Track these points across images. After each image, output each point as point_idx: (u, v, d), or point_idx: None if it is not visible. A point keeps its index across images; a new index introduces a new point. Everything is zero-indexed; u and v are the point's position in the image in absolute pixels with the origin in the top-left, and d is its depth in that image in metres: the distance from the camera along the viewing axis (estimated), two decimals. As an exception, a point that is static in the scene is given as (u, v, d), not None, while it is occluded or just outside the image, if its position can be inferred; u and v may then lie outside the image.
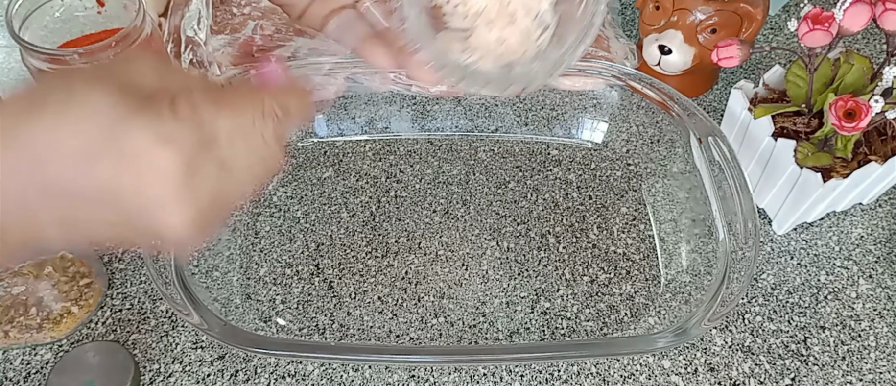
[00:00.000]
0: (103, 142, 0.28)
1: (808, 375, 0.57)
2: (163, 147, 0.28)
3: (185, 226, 0.31)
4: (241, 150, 0.32)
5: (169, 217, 0.30)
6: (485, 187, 0.67)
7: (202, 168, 0.30)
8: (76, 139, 0.28)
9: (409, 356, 0.55)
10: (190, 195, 0.30)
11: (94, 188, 0.28)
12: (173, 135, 0.29)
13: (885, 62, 0.57)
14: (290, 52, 0.72)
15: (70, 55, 0.60)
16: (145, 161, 0.28)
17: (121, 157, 0.28)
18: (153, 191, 0.29)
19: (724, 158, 0.57)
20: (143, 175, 0.28)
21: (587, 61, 0.69)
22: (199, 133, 0.30)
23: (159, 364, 0.56)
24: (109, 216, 0.29)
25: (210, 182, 0.31)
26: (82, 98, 0.28)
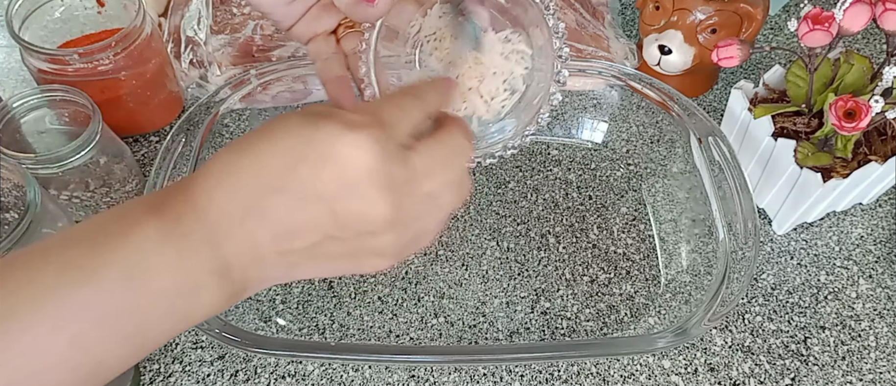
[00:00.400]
0: (303, 146, 0.31)
1: (808, 375, 0.57)
2: (351, 132, 0.31)
3: (389, 219, 0.32)
4: (441, 182, 0.35)
5: (372, 203, 0.32)
6: (485, 187, 0.67)
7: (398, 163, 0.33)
8: (280, 153, 0.32)
9: (409, 356, 0.55)
10: (386, 182, 0.32)
11: (301, 189, 0.31)
12: (355, 122, 0.32)
13: (885, 62, 0.57)
14: (289, 52, 0.72)
15: (70, 55, 0.60)
16: (340, 147, 0.31)
17: (319, 154, 0.31)
18: (351, 172, 0.31)
19: (724, 158, 0.57)
20: (339, 160, 0.31)
21: (587, 61, 0.69)
22: (373, 117, 0.32)
23: (159, 364, 0.56)
24: (317, 215, 0.32)
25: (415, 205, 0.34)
26: (279, 125, 0.33)
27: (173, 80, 0.69)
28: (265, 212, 0.31)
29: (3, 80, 0.74)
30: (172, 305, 0.31)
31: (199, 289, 0.32)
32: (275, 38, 0.73)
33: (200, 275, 0.31)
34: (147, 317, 0.31)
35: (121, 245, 0.30)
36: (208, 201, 0.31)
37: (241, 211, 0.31)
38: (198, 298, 0.32)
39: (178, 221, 0.31)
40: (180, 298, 0.31)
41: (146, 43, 0.63)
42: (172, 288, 0.31)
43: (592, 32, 0.76)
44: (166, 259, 0.31)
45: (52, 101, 0.59)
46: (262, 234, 0.32)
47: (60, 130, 0.61)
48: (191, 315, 0.32)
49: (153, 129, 0.70)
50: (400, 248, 0.34)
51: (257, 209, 0.31)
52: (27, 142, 0.60)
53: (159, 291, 0.30)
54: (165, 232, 0.31)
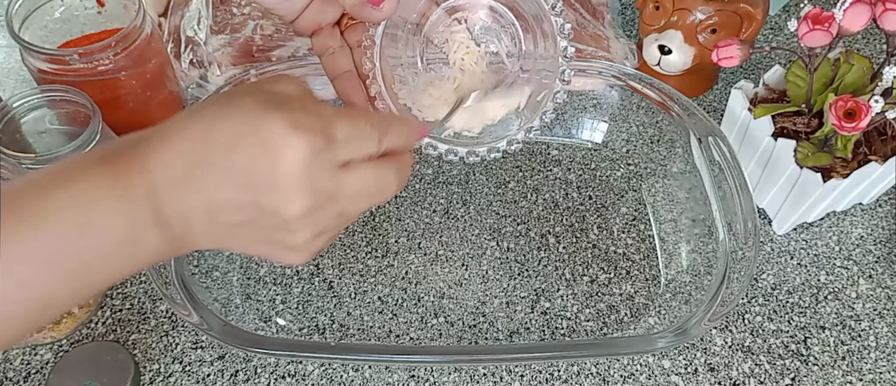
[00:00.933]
0: (248, 132, 0.34)
1: (808, 375, 0.57)
2: (293, 132, 0.33)
3: (302, 219, 0.35)
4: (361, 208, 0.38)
5: (289, 203, 0.34)
6: (485, 187, 0.67)
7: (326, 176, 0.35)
8: (227, 130, 0.34)
9: (409, 356, 0.55)
10: (309, 189, 0.34)
11: (236, 168, 0.34)
12: (302, 123, 0.34)
13: (885, 62, 0.57)
14: (289, 52, 0.72)
15: (70, 55, 0.60)
16: (278, 143, 0.33)
17: (259, 141, 0.33)
18: (281, 170, 0.33)
19: (724, 158, 0.56)
20: (275, 155, 0.33)
21: (587, 61, 0.69)
22: (322, 125, 0.35)
23: (159, 364, 0.56)
24: (244, 198, 0.34)
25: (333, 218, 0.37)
26: (237, 101, 0.35)
27: (173, 80, 0.69)
28: (200, 182, 0.34)
29: (3, 80, 0.74)
30: (117, 251, 0.33)
31: (141, 237, 0.34)
32: (275, 38, 0.73)
33: (142, 225, 0.33)
34: (93, 261, 0.33)
35: (69, 193, 0.32)
36: (155, 160, 0.33)
37: (181, 175, 0.33)
38: (140, 245, 0.34)
39: (125, 174, 0.33)
40: (124, 244, 0.33)
41: (146, 43, 0.63)
42: (116, 235, 0.33)
43: (592, 32, 0.76)
44: (111, 207, 0.33)
45: (52, 101, 0.59)
46: (195, 202, 0.34)
47: (60, 130, 0.61)
48: (135, 261, 0.34)
49: (153, 129, 0.70)
50: (313, 247, 0.38)
51: (194, 178, 0.34)
52: (27, 142, 0.60)
53: (104, 237, 0.33)
54: (111, 182, 0.33)
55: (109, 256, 0.33)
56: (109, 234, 0.33)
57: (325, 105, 0.36)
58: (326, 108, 0.36)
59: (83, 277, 0.33)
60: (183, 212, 0.34)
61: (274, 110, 0.34)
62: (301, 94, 0.37)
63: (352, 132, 0.36)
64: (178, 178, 0.33)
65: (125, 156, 0.34)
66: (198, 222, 0.35)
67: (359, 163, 0.37)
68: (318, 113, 0.35)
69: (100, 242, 0.33)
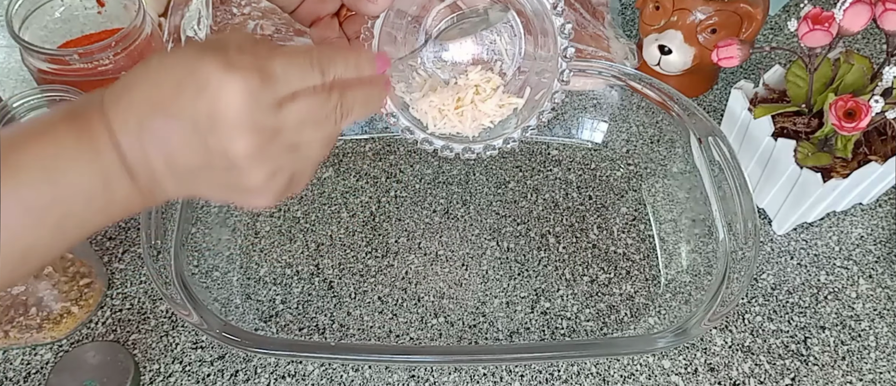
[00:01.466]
0: (186, 75, 0.35)
1: (808, 375, 0.57)
2: (226, 72, 0.34)
3: (250, 158, 0.36)
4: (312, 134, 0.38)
5: (233, 141, 0.35)
6: (485, 187, 0.67)
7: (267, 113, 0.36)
8: (169, 77, 0.35)
9: (409, 356, 0.55)
10: (250, 126, 0.35)
11: (180, 112, 0.35)
12: (235, 63, 0.35)
13: (885, 62, 0.57)
14: (290, 52, 0.72)
15: (70, 55, 0.60)
16: (215, 84, 0.34)
17: (197, 84, 0.34)
18: (220, 110, 0.34)
19: (724, 158, 0.56)
20: (212, 96, 0.34)
21: (587, 61, 0.69)
22: (258, 63, 0.35)
23: (159, 364, 0.56)
24: (193, 140, 0.35)
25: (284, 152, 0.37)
26: (175, 51, 0.36)
27: (173, 80, 0.69)
28: (153, 129, 0.35)
29: (3, 80, 0.74)
30: (90, 199, 0.35)
31: (112, 185, 0.35)
32: (275, 38, 0.73)
33: (111, 173, 0.35)
34: (69, 207, 0.34)
35: (39, 144, 0.34)
36: (113, 112, 0.35)
37: (137, 125, 0.35)
38: (113, 193, 0.35)
39: (89, 126, 0.35)
40: (97, 193, 0.35)
41: (146, 43, 0.63)
42: (88, 182, 0.34)
43: (592, 32, 0.76)
44: (79, 156, 0.34)
45: (52, 101, 0.59)
46: (153, 149, 0.35)
47: (60, 130, 0.61)
48: (110, 209, 0.36)
49: (153, 129, 0.70)
50: (273, 187, 0.38)
51: (148, 127, 0.35)
52: (27, 142, 0.60)
53: (77, 186, 0.34)
54: (78, 134, 0.34)
55: (85, 205, 0.35)
56: (81, 182, 0.34)
57: (263, 44, 0.37)
58: (264, 46, 0.37)
59: (61, 224, 0.34)
60: (144, 160, 0.35)
61: (208, 53, 0.35)
62: (241, 39, 0.37)
63: (289, 67, 0.37)
64: (133, 128, 0.35)
65: (88, 110, 0.35)
66: (160, 170, 0.36)
67: (299, 98, 0.37)
68: (254, 51, 0.36)
69: (73, 192, 0.34)
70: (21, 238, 0.34)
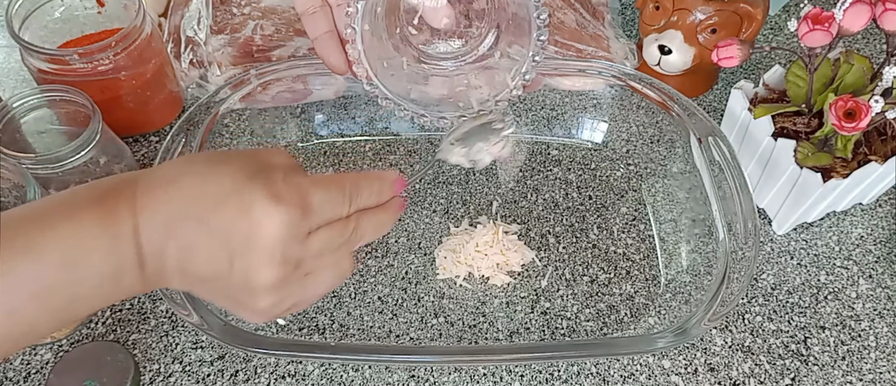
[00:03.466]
0: (232, 193, 0.36)
1: (808, 375, 0.57)
2: (273, 203, 0.36)
3: (269, 288, 0.37)
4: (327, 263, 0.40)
5: (260, 272, 0.36)
6: (485, 187, 0.67)
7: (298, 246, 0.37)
8: (214, 189, 0.36)
9: (409, 356, 0.55)
10: (281, 259, 0.36)
11: (216, 226, 0.35)
12: (282, 195, 0.36)
13: (885, 62, 0.57)
14: (289, 52, 0.72)
15: (70, 55, 0.60)
16: (258, 212, 0.35)
17: (241, 205, 0.35)
18: (257, 237, 0.35)
19: (724, 158, 0.56)
20: (253, 222, 0.35)
21: (587, 61, 0.69)
22: (301, 200, 0.37)
23: (159, 364, 0.56)
24: (217, 255, 0.36)
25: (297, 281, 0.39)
26: (226, 162, 0.37)
27: (173, 80, 0.69)
28: (181, 232, 0.35)
29: (3, 80, 0.74)
30: (100, 286, 0.35)
31: (123, 274, 0.35)
32: (275, 38, 0.73)
33: (126, 263, 0.35)
34: (78, 294, 0.34)
35: (63, 228, 0.34)
36: (142, 203, 0.35)
37: (164, 222, 0.35)
38: (121, 281, 0.36)
39: (116, 213, 0.35)
40: (108, 280, 0.35)
41: (146, 43, 0.63)
42: (102, 271, 0.35)
43: (592, 32, 0.76)
44: (100, 245, 0.34)
45: (52, 101, 0.59)
46: (172, 250, 0.36)
47: (60, 130, 0.61)
48: (114, 295, 0.36)
49: (153, 129, 0.70)
50: (274, 312, 0.39)
51: (176, 227, 0.35)
52: (27, 142, 0.60)
53: (91, 273, 0.34)
54: (102, 221, 0.34)
55: (93, 290, 0.35)
56: (97, 270, 0.34)
57: (303, 175, 0.38)
58: (305, 179, 0.38)
59: (67, 309, 0.35)
60: (159, 256, 0.36)
61: (259, 179, 0.36)
62: (287, 165, 0.39)
63: (325, 201, 0.38)
64: (160, 223, 0.35)
65: (118, 195, 0.35)
66: (171, 267, 0.36)
67: (335, 237, 0.39)
68: (298, 185, 0.37)
69: (87, 277, 0.34)
70: (26, 320, 0.34)
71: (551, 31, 0.75)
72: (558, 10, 0.77)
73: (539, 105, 0.72)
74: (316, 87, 0.69)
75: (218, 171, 0.36)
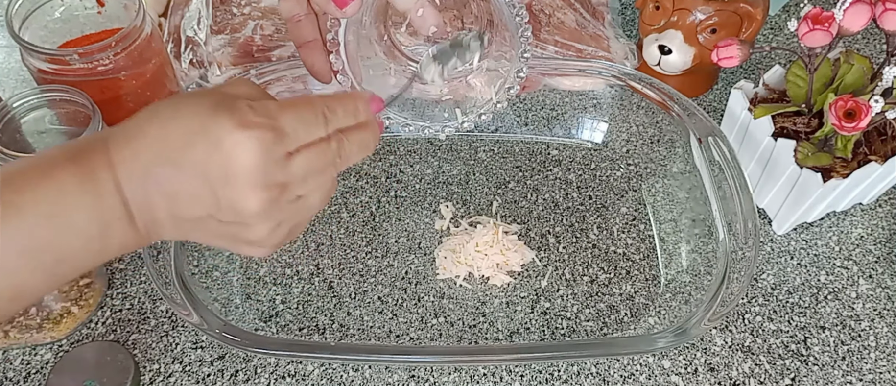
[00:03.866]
0: (199, 131, 0.35)
1: (808, 375, 0.57)
2: (241, 130, 0.35)
3: (259, 214, 0.37)
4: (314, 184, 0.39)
5: (245, 199, 0.36)
6: (485, 187, 0.67)
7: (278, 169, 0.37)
8: (180, 130, 0.36)
9: (409, 356, 0.55)
10: (263, 184, 0.36)
11: (191, 165, 0.35)
12: (249, 121, 0.35)
13: (885, 62, 0.57)
14: (289, 52, 0.72)
15: (70, 55, 0.60)
16: (228, 143, 0.35)
17: (210, 141, 0.35)
18: (234, 168, 0.35)
19: (724, 158, 0.56)
20: (226, 155, 0.35)
21: (587, 61, 0.69)
22: (270, 120, 0.36)
23: (159, 364, 0.56)
24: (202, 192, 0.36)
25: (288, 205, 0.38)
26: (186, 103, 0.37)
27: (173, 80, 0.69)
28: (160, 179, 0.35)
29: (3, 80, 0.74)
30: (88, 242, 0.35)
31: (110, 229, 0.35)
32: (275, 38, 0.73)
33: (111, 218, 0.35)
34: (65, 251, 0.35)
35: (42, 187, 0.34)
36: (119, 158, 0.35)
37: (142, 172, 0.35)
38: (109, 237, 0.36)
39: (93, 170, 0.35)
40: (94, 236, 0.35)
41: (146, 43, 0.63)
42: (87, 226, 0.35)
43: (592, 32, 0.76)
44: (82, 201, 0.34)
45: (52, 101, 0.59)
46: (157, 198, 0.36)
47: (60, 130, 0.61)
48: (104, 251, 0.36)
49: (153, 129, 0.70)
50: (273, 240, 0.39)
51: (153, 174, 0.35)
52: (27, 142, 0.60)
53: (76, 229, 0.35)
54: (81, 178, 0.35)
55: (80, 247, 0.35)
56: (80, 225, 0.35)
57: (271, 100, 0.38)
58: (272, 103, 0.38)
59: (55, 267, 0.35)
60: (146, 207, 0.36)
61: (223, 111, 0.36)
62: (250, 93, 0.38)
63: (297, 122, 0.38)
64: (138, 174, 0.35)
65: (92, 153, 0.35)
66: (161, 216, 0.36)
67: (302, 149, 0.38)
68: (265, 109, 0.37)
69: (71, 233, 0.34)
70: (14, 278, 0.34)
71: (551, 31, 0.75)
72: (558, 10, 0.77)
73: (539, 105, 0.72)
74: (316, 86, 0.69)
75: (181, 113, 0.36)
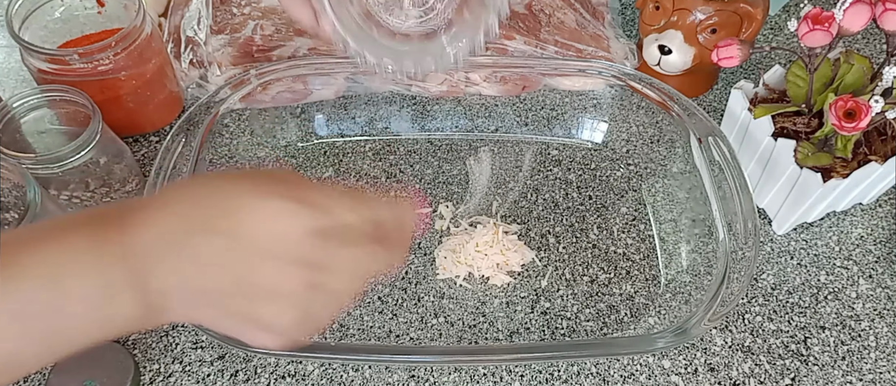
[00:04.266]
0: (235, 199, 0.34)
1: (808, 375, 0.57)
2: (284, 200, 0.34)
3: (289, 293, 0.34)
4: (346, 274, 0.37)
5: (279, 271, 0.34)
6: (485, 187, 0.67)
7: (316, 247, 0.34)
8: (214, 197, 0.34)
9: (409, 356, 0.55)
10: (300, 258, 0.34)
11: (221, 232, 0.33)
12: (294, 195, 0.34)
13: (885, 62, 0.57)
14: (290, 52, 0.72)
15: (70, 55, 0.60)
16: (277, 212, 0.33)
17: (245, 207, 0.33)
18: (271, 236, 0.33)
19: (724, 158, 0.56)
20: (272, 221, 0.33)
21: (587, 61, 0.69)
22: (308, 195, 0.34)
23: (159, 364, 0.56)
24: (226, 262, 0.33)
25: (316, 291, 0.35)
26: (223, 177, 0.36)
27: (173, 80, 0.69)
28: (182, 244, 0.33)
29: (3, 80, 0.74)
30: (89, 312, 0.32)
31: (115, 299, 0.32)
32: (275, 38, 0.73)
33: (118, 286, 0.32)
34: (64, 319, 0.32)
35: (51, 246, 0.32)
36: (137, 219, 0.33)
37: (165, 245, 0.33)
38: (114, 308, 0.33)
39: (106, 233, 0.33)
40: (97, 304, 0.32)
41: (146, 43, 0.63)
42: (90, 293, 0.32)
43: (592, 32, 0.76)
44: (87, 264, 0.32)
45: (52, 101, 0.59)
46: (173, 263, 0.33)
47: (60, 130, 0.61)
48: (107, 325, 0.33)
49: (153, 129, 0.70)
50: (291, 327, 0.36)
51: (179, 245, 0.33)
52: (27, 142, 0.60)
53: (78, 295, 0.32)
54: (93, 240, 0.32)
55: (81, 315, 0.32)
56: (82, 291, 0.32)
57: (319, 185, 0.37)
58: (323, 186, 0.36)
59: (53, 336, 0.32)
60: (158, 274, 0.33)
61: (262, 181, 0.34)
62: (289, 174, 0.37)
63: (344, 209, 0.36)
64: (160, 247, 0.33)
65: (113, 217, 0.33)
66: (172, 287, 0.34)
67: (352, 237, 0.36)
68: (316, 189, 0.35)
69: (75, 298, 0.32)
70: (7, 345, 0.31)
71: (551, 31, 0.75)
72: (558, 10, 0.77)
73: (539, 105, 0.72)
74: (316, 87, 0.69)
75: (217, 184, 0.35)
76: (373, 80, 0.71)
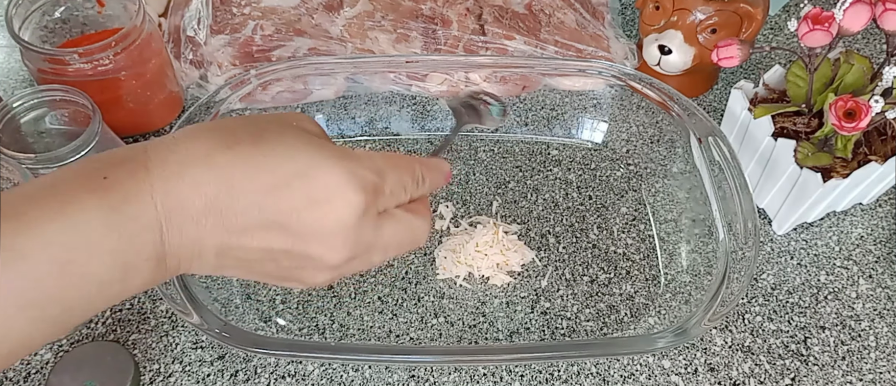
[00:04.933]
0: (296, 176, 0.31)
1: (808, 375, 0.57)
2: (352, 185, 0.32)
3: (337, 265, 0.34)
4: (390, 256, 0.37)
5: (333, 251, 0.33)
6: (485, 187, 0.67)
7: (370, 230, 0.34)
8: (270, 174, 0.31)
9: (409, 356, 0.55)
10: (354, 242, 0.33)
11: (274, 215, 0.31)
12: (359, 175, 0.32)
13: (885, 62, 0.57)
14: (290, 52, 0.72)
15: (70, 55, 0.60)
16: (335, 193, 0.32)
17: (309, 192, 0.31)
18: (331, 222, 0.32)
19: (724, 158, 0.56)
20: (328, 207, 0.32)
21: (587, 61, 0.69)
22: (377, 179, 0.34)
23: (159, 364, 0.56)
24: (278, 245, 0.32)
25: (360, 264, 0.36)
26: (279, 139, 0.32)
27: (173, 80, 0.69)
28: (229, 217, 0.31)
29: (3, 80, 0.74)
30: (103, 289, 0.30)
31: (133, 273, 0.30)
32: (275, 38, 0.73)
33: (138, 260, 0.30)
34: (75, 302, 0.29)
35: (58, 225, 0.28)
36: (167, 188, 0.30)
37: (204, 208, 0.30)
38: (129, 281, 0.30)
39: (126, 203, 0.29)
40: (113, 282, 0.30)
41: (146, 43, 0.63)
42: (108, 273, 0.29)
43: (592, 32, 0.76)
44: (107, 245, 0.29)
45: (52, 101, 0.59)
46: (215, 236, 0.31)
47: (60, 130, 0.61)
48: (118, 296, 0.31)
49: (153, 129, 0.70)
50: (324, 283, 0.36)
51: (221, 212, 0.30)
52: (27, 142, 0.60)
53: (93, 277, 0.29)
54: (109, 214, 0.29)
55: (96, 294, 0.30)
56: (102, 271, 0.29)
57: (376, 155, 0.35)
58: (378, 156, 0.35)
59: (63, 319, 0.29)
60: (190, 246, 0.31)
61: (328, 159, 0.32)
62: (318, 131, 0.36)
63: (397, 187, 0.35)
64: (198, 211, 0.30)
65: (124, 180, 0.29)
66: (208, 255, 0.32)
67: (394, 211, 0.36)
68: (373, 163, 0.34)
69: (90, 280, 0.29)
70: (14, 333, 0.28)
71: (551, 31, 0.75)
72: (558, 10, 0.77)
73: (539, 105, 0.72)
74: (316, 87, 0.69)
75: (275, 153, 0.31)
76: (372, 79, 0.71)
